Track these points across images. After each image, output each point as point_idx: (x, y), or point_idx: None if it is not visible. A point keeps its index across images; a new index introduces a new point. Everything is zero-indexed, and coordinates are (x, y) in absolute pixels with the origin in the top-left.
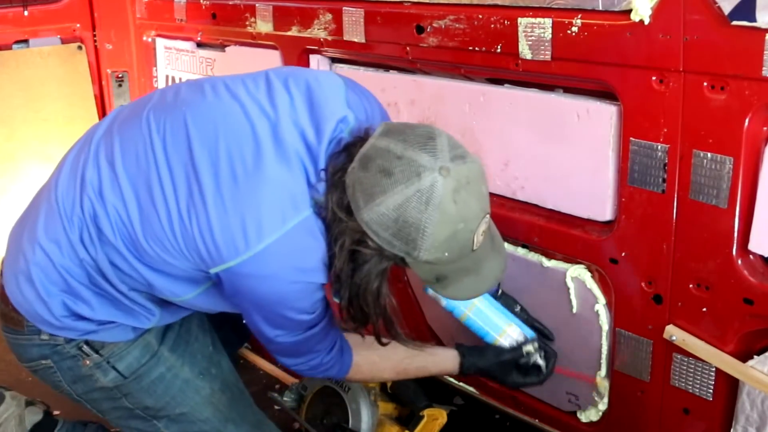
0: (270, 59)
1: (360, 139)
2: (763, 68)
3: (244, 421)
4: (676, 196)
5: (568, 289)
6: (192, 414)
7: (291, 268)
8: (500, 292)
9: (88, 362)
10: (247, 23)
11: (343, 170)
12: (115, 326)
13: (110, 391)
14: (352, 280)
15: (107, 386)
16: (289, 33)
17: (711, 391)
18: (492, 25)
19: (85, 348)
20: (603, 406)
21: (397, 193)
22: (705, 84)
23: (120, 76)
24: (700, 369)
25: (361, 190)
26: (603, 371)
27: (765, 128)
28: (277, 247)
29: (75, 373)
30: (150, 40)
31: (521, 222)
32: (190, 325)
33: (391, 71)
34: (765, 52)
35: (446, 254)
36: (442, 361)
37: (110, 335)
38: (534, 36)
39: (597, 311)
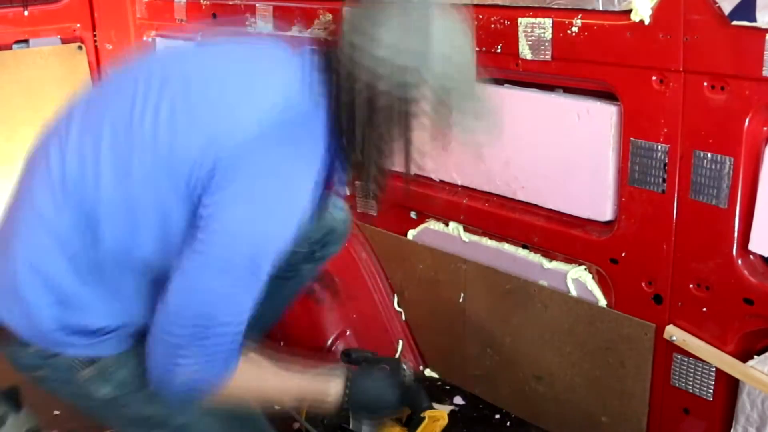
0: None
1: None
2: (763, 68)
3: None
4: (676, 196)
5: (569, 290)
6: (192, 425)
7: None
8: None
9: (83, 374)
10: (248, 23)
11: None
12: (109, 338)
13: (108, 402)
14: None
15: (105, 398)
16: (289, 33)
17: (711, 391)
18: (492, 25)
19: (79, 361)
20: None
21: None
22: (705, 84)
23: None
24: (700, 369)
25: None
26: None
27: (765, 128)
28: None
29: (70, 386)
30: (150, 40)
31: (521, 222)
32: None
33: None
34: (765, 52)
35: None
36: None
37: (104, 348)
38: (534, 36)
39: None
